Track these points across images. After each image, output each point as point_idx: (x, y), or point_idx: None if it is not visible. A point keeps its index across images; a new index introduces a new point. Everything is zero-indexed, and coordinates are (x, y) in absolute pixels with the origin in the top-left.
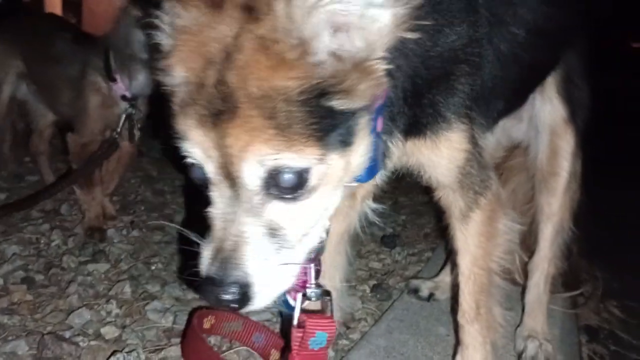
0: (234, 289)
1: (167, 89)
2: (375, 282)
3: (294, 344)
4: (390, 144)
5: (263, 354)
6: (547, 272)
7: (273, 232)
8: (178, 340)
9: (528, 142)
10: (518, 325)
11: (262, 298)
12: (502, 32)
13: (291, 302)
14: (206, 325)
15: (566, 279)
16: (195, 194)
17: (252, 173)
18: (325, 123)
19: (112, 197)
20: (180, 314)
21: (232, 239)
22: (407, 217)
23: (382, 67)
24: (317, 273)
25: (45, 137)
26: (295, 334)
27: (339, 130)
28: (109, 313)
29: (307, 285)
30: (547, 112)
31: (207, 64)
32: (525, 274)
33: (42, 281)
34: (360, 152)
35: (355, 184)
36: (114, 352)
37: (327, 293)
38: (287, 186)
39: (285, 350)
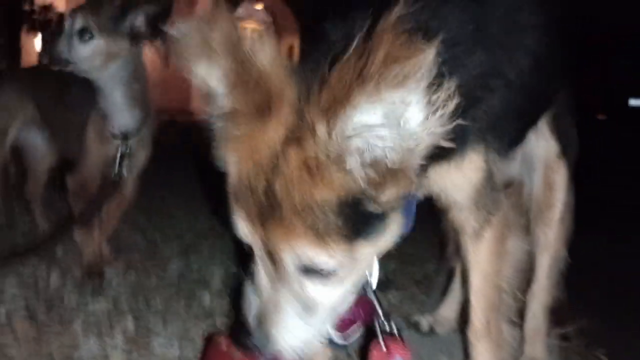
0: (268, 348)
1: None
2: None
3: None
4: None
5: None
6: (545, 301)
7: (306, 306)
8: None
9: (521, 178)
10: None
11: (288, 356)
12: (511, 60)
13: (336, 339)
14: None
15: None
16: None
17: (289, 263)
18: (356, 224)
19: (108, 241)
20: (186, 348)
21: (268, 305)
22: (396, 266)
23: (415, 169)
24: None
25: (41, 182)
26: (377, 358)
27: (372, 227)
28: (115, 347)
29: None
30: (541, 148)
31: (257, 171)
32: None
33: (45, 319)
34: (392, 234)
35: None
36: None
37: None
38: (319, 272)
39: None
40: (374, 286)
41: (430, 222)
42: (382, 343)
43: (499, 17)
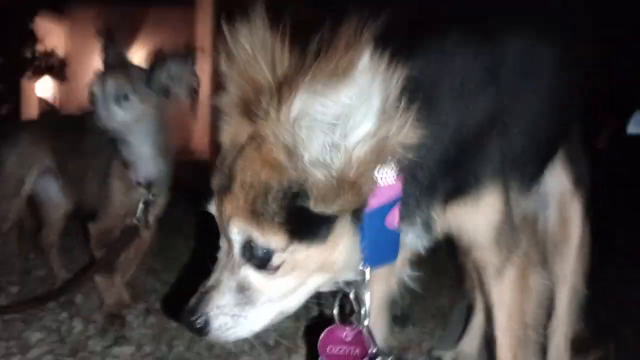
0: (196, 321)
1: None
2: (395, 356)
3: None
4: (432, 215)
5: None
6: (566, 333)
7: (242, 289)
8: None
9: (535, 214)
10: None
11: (216, 335)
12: (524, 103)
13: None
14: None
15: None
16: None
17: (233, 238)
18: (295, 218)
19: (126, 285)
20: None
21: (211, 282)
22: (412, 301)
23: (369, 185)
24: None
25: (56, 230)
26: None
27: (310, 227)
28: None
29: (370, 352)
30: (555, 185)
31: (230, 152)
32: None
33: None
34: (340, 249)
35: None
36: None
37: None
38: (257, 257)
39: None
40: (367, 321)
41: (441, 256)
42: None
43: (512, 64)
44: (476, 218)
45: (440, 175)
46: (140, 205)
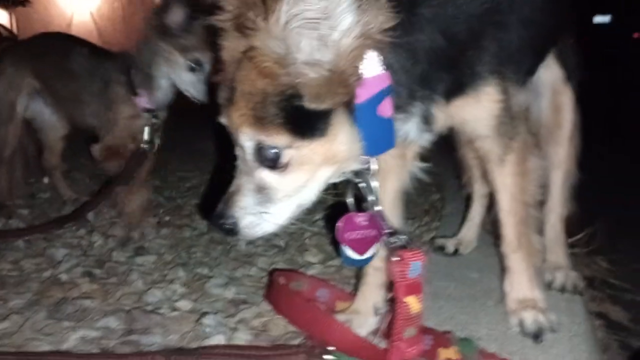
0: (225, 223)
1: None
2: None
3: (396, 278)
4: (433, 110)
5: (329, 307)
6: (561, 213)
7: (260, 189)
8: (245, 306)
9: (528, 105)
10: None
11: (246, 233)
12: None
13: (351, 255)
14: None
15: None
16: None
17: (245, 144)
18: (295, 117)
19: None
20: (237, 288)
21: (233, 188)
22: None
23: (355, 76)
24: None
25: (57, 151)
26: (395, 269)
27: (309, 123)
28: (174, 292)
29: (384, 232)
30: (547, 75)
31: (229, 66)
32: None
33: (101, 274)
34: (339, 140)
35: (368, 161)
36: (204, 314)
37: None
38: (268, 158)
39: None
40: (379, 207)
41: (432, 157)
42: (394, 255)
43: None
44: (477, 110)
45: (435, 68)
46: (147, 129)
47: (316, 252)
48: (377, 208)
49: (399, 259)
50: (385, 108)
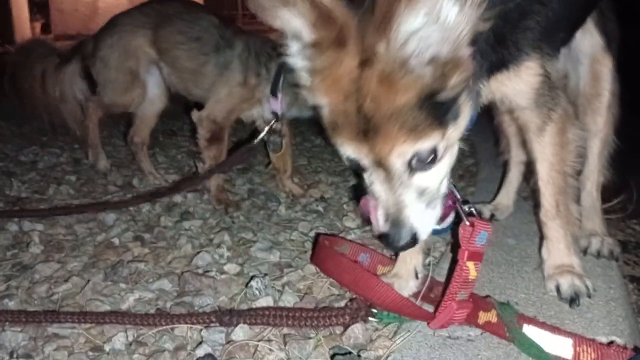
0: (406, 239)
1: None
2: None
3: (463, 243)
4: (479, 84)
5: (370, 270)
6: (598, 181)
7: (421, 193)
8: (290, 270)
9: (567, 73)
10: None
11: (423, 236)
12: None
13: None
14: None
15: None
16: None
17: (398, 163)
18: (438, 112)
19: (291, 178)
20: (282, 252)
21: (394, 207)
22: None
23: (467, 55)
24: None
25: (149, 126)
26: (464, 234)
27: (450, 112)
28: (221, 256)
29: (458, 201)
30: (587, 43)
31: (345, 97)
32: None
33: (150, 238)
34: (467, 116)
35: None
36: (252, 277)
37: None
38: (423, 162)
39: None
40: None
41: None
42: (466, 221)
43: None
44: (518, 85)
45: (490, 46)
46: (266, 128)
47: (354, 217)
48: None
49: (470, 225)
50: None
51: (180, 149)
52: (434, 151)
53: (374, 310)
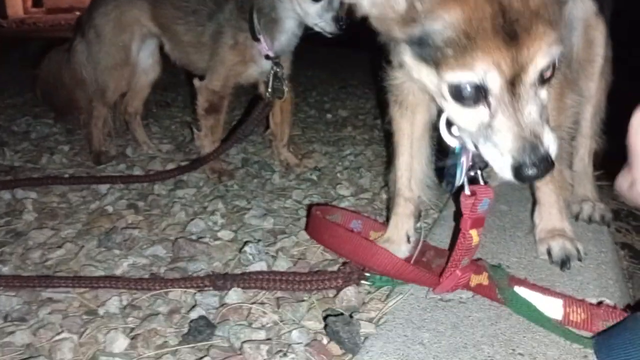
0: (549, 162)
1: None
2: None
3: (465, 210)
4: None
5: (363, 237)
6: (590, 147)
7: (543, 111)
8: (284, 236)
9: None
10: None
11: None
12: None
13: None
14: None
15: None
16: None
17: (536, 72)
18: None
19: (288, 147)
20: (275, 219)
21: (528, 129)
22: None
23: None
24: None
25: (142, 96)
26: (467, 202)
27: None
28: (215, 223)
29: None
30: (579, 9)
31: (482, 3)
32: None
33: (144, 206)
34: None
35: None
36: (246, 243)
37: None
38: (549, 70)
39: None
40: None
41: None
42: (467, 190)
43: None
44: None
45: None
46: (270, 78)
47: (348, 185)
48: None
49: (472, 193)
50: None
51: (174, 120)
52: (559, 57)
53: (367, 274)
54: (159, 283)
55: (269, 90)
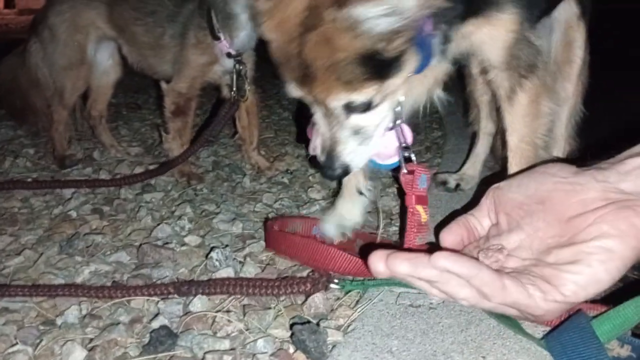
0: (338, 171)
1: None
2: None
3: (407, 187)
4: (450, 32)
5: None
6: (564, 149)
7: (357, 131)
8: (252, 241)
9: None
10: None
11: (355, 169)
12: None
13: (378, 161)
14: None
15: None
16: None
17: (333, 106)
18: (378, 67)
19: (258, 150)
20: (245, 224)
21: (329, 141)
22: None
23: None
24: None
25: (105, 97)
26: (406, 179)
27: (390, 66)
28: (182, 228)
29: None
30: (562, 11)
31: (289, 40)
32: None
33: (110, 211)
34: (411, 68)
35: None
36: (212, 249)
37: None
38: (359, 108)
39: None
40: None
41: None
42: (404, 168)
43: None
44: (490, 36)
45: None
46: (234, 77)
47: (319, 189)
48: (399, 122)
49: (408, 171)
50: (428, 28)
51: (144, 122)
52: (369, 102)
53: (336, 280)
54: (120, 291)
55: (234, 89)
